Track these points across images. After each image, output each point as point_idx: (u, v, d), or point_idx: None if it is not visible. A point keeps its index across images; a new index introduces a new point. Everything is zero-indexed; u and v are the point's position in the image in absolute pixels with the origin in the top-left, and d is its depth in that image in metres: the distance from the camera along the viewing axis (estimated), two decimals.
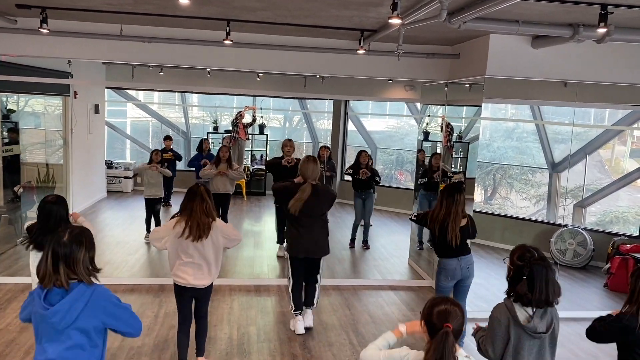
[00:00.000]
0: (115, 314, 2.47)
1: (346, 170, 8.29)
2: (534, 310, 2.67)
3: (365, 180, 7.83)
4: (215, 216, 3.93)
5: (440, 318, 2.17)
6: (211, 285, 4.06)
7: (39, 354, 2.42)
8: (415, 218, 5.06)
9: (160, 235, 3.96)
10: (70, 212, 3.75)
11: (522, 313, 2.67)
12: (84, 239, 2.47)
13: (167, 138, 9.86)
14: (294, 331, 4.95)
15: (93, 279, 2.47)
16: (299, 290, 5.00)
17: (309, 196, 4.68)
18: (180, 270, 3.90)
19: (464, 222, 4.49)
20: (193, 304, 4.10)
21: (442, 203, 4.46)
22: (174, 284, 4.01)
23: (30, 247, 3.58)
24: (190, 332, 4.13)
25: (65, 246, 2.40)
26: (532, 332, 2.65)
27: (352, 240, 8.17)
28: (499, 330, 2.69)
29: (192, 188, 3.91)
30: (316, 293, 5.11)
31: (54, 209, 3.53)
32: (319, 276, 5.10)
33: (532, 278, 2.64)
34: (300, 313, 4.99)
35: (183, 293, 3.99)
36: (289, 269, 5.02)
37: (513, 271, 2.76)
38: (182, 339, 4.10)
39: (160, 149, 8.76)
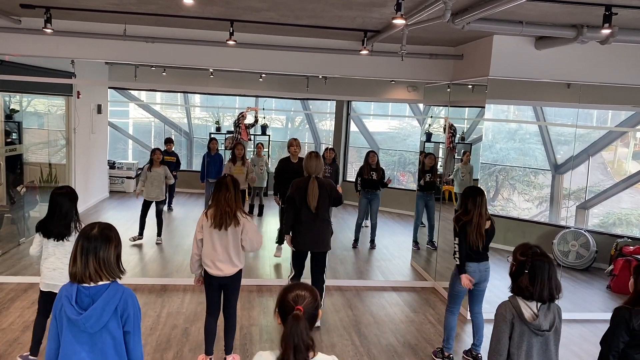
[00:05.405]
0: (137, 322, 2.43)
1: (357, 180, 8.07)
2: (538, 306, 2.67)
3: (375, 180, 7.85)
4: (239, 207, 3.99)
5: (292, 303, 2.02)
6: (238, 275, 4.12)
7: (69, 356, 2.37)
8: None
9: (197, 229, 4.10)
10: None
11: (527, 310, 2.67)
12: (113, 235, 2.43)
13: (169, 141, 9.78)
14: None
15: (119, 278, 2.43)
16: (297, 280, 5.08)
17: (318, 190, 4.84)
18: (207, 259, 4.04)
19: (487, 224, 4.38)
20: (222, 296, 4.17)
21: (465, 207, 4.34)
22: (204, 272, 4.11)
23: (39, 233, 3.84)
24: (217, 327, 4.17)
25: (95, 240, 2.37)
26: (537, 330, 2.65)
27: (356, 241, 8.19)
28: (504, 326, 2.69)
29: (219, 179, 4.04)
30: (323, 293, 5.19)
31: (62, 200, 3.79)
32: (324, 276, 5.15)
33: (533, 272, 2.65)
34: None
35: (211, 281, 4.10)
36: (291, 261, 5.21)
37: (515, 267, 2.76)
38: (209, 331, 4.17)
39: (161, 148, 8.71)
